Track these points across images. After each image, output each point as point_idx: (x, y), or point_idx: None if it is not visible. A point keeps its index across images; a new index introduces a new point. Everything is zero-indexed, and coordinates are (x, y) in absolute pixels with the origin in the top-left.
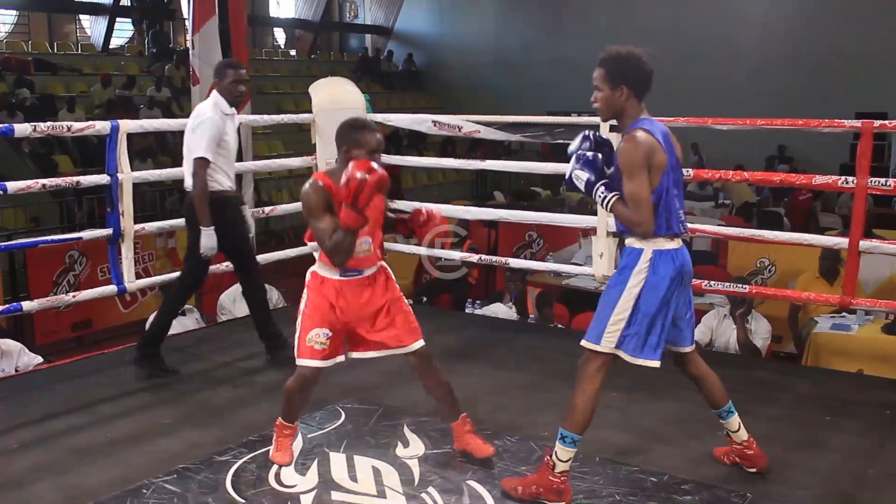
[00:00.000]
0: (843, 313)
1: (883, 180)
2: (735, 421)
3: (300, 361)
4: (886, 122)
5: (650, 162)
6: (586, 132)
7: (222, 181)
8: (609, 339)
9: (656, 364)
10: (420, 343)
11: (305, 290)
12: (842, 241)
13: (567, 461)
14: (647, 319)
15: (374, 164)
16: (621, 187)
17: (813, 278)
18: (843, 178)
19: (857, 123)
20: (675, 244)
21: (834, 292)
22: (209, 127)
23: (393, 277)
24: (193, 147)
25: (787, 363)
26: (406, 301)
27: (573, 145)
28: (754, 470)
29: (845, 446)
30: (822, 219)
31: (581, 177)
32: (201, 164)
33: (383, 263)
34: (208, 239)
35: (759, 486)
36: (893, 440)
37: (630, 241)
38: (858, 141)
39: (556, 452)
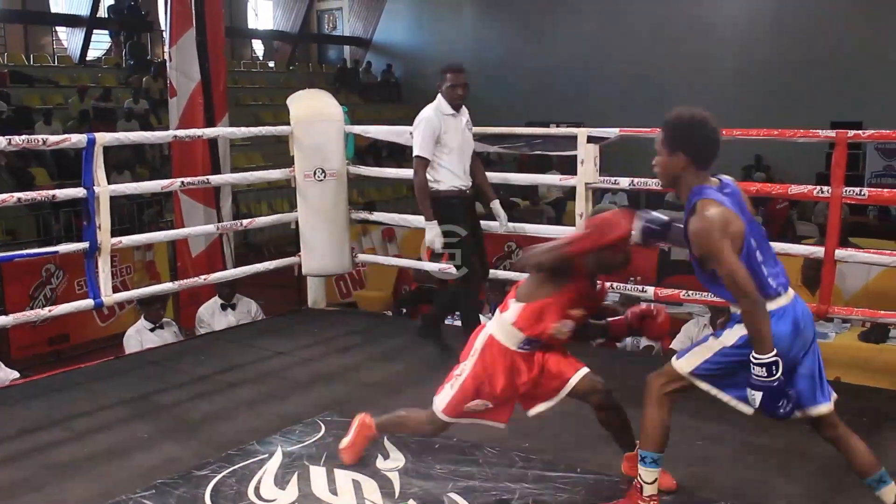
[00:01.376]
0: (821, 321)
1: (857, 189)
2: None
3: (446, 417)
4: (860, 132)
5: (729, 233)
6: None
7: (443, 179)
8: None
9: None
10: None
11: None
12: (818, 251)
13: (653, 482)
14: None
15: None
16: (701, 265)
17: (794, 287)
18: (818, 187)
19: (832, 133)
20: (780, 302)
21: (815, 301)
22: (424, 126)
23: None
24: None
25: None
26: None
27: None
28: None
29: (823, 454)
30: (800, 227)
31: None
32: (418, 162)
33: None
34: (430, 233)
35: (738, 494)
36: (871, 448)
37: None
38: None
39: (640, 475)
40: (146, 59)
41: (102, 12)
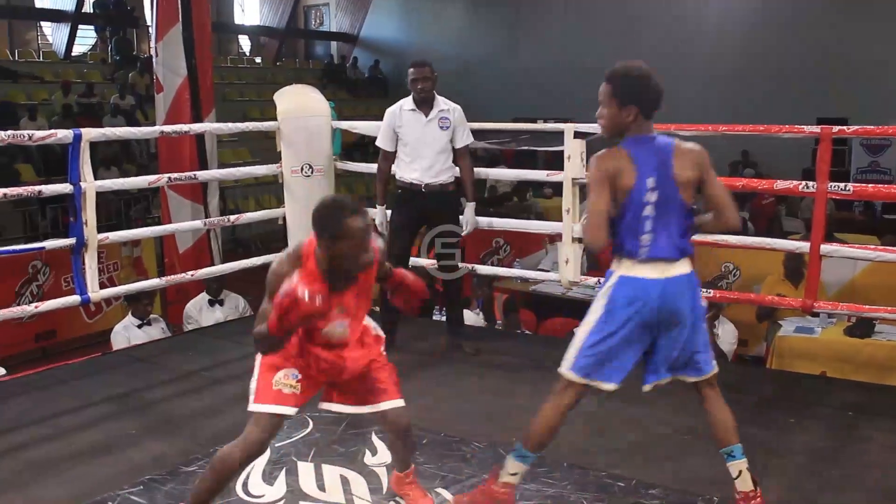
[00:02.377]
0: (807, 316)
1: (843, 185)
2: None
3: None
4: (844, 127)
5: (608, 179)
6: None
7: (397, 171)
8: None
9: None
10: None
11: None
12: (803, 246)
13: (515, 474)
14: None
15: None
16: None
17: (778, 280)
18: (803, 182)
19: (817, 129)
20: (636, 271)
21: (799, 295)
22: (385, 118)
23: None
24: None
25: (753, 366)
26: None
27: None
28: None
29: (809, 448)
30: (786, 223)
31: None
32: (380, 151)
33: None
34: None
35: (726, 490)
36: (855, 441)
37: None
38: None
39: (506, 464)
40: (132, 55)
41: (88, 7)
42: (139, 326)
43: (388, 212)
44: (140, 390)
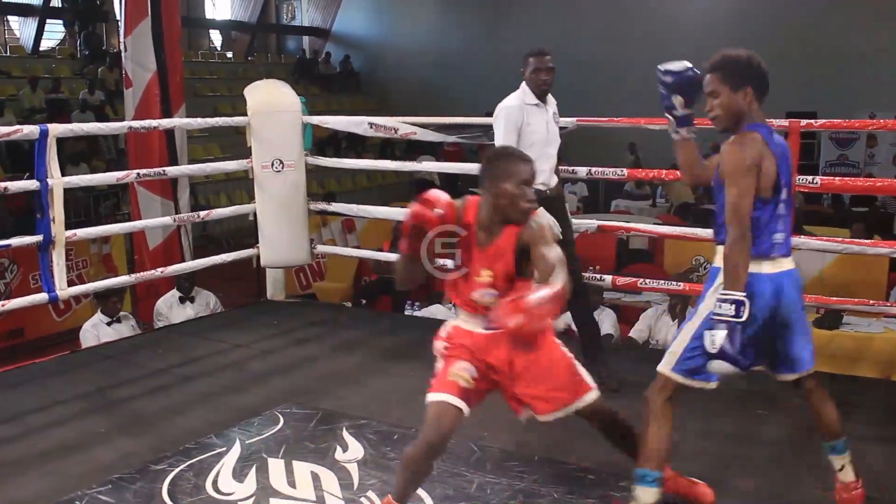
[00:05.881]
0: None
1: (811, 178)
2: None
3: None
4: (812, 121)
5: (756, 168)
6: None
7: None
8: None
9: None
10: None
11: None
12: None
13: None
14: None
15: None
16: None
17: None
18: None
19: (785, 123)
20: (766, 268)
21: None
22: (502, 117)
23: None
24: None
25: None
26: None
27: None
28: None
29: (778, 439)
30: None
31: None
32: None
33: None
34: (542, 217)
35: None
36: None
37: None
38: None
39: (637, 496)
40: (101, 50)
41: (56, 2)
42: (108, 324)
43: None
44: (109, 388)
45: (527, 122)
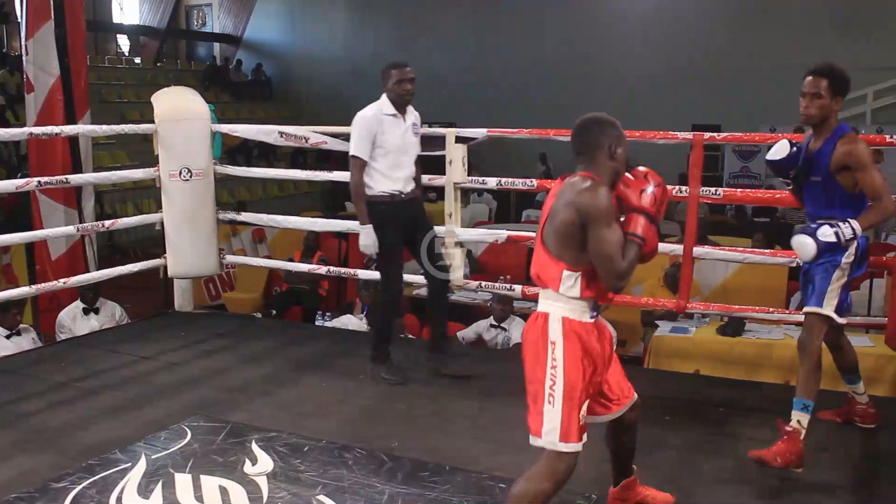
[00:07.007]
0: (681, 316)
1: (714, 189)
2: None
3: (570, 446)
4: (715, 134)
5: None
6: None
7: (374, 183)
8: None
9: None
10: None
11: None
12: (677, 248)
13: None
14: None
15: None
16: (834, 185)
17: (658, 287)
18: (678, 187)
19: (689, 136)
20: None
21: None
22: (357, 126)
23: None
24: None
25: (630, 366)
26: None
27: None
28: (871, 426)
29: (683, 443)
30: (662, 226)
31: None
32: (352, 162)
33: None
34: (364, 237)
35: (604, 486)
36: (727, 436)
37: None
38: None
39: (799, 421)
40: (1, 52)
41: None
42: (8, 337)
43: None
44: (8, 403)
45: (381, 132)
